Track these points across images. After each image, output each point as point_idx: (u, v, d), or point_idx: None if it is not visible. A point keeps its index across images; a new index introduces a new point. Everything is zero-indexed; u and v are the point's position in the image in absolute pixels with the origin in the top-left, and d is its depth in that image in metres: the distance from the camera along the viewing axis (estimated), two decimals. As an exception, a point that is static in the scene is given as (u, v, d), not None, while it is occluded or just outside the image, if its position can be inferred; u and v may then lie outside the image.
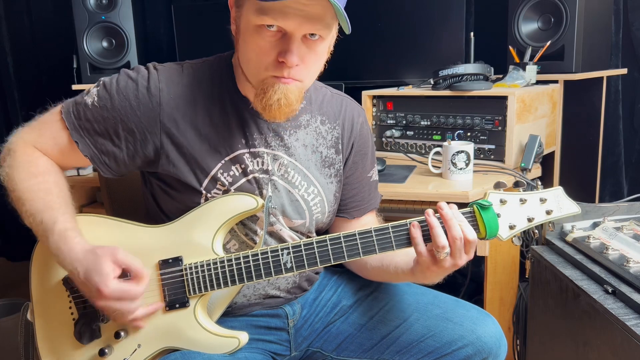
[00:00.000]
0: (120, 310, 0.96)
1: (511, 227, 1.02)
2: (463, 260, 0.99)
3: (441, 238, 0.96)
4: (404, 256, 1.08)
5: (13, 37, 2.83)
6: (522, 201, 1.02)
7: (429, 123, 1.89)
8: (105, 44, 2.46)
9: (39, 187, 1.04)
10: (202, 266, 1.04)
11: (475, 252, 1.51)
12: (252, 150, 1.09)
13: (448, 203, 1.00)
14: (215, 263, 1.04)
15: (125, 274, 0.97)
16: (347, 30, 0.95)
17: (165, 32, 2.76)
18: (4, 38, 2.81)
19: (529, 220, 1.03)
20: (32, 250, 1.10)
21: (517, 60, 2.00)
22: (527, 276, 1.54)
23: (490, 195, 1.02)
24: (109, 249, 0.96)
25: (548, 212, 1.03)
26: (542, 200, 1.03)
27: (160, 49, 2.77)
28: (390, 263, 1.12)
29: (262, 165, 1.10)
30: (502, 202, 1.02)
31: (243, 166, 1.09)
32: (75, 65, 2.45)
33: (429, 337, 1.13)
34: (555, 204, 1.03)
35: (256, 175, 1.09)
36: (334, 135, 1.17)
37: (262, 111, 1.02)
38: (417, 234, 0.98)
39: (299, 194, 1.13)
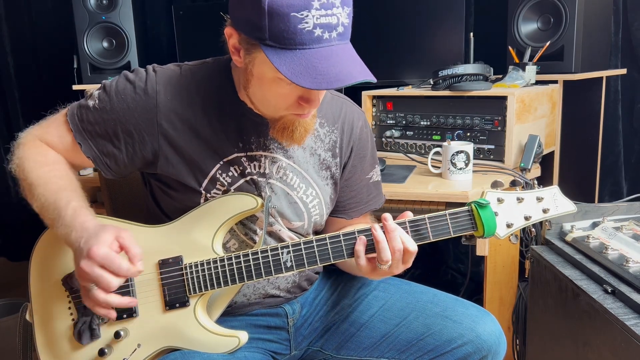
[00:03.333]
0: (98, 280, 0.91)
1: (508, 226, 1.03)
2: (400, 269, 1.01)
3: (386, 252, 0.98)
4: None
5: (13, 37, 2.83)
6: (519, 200, 1.03)
7: (428, 123, 1.89)
8: (105, 44, 2.46)
9: (52, 173, 1.06)
10: (202, 265, 1.04)
11: (475, 252, 1.52)
12: (249, 153, 1.09)
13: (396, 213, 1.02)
14: (215, 262, 1.04)
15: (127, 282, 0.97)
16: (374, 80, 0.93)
17: (165, 32, 2.76)
18: (4, 38, 2.82)
19: (526, 218, 1.03)
20: (31, 250, 1.10)
21: (516, 60, 2.00)
22: (526, 276, 1.54)
23: (487, 194, 1.03)
24: (118, 227, 0.95)
25: (545, 211, 1.04)
26: (539, 199, 1.04)
27: (160, 49, 2.77)
28: None
29: (260, 168, 1.10)
30: (500, 200, 1.03)
31: (241, 168, 1.09)
32: (75, 66, 2.46)
33: (428, 335, 1.13)
34: (552, 202, 1.04)
35: (254, 177, 1.10)
36: (331, 138, 1.17)
37: (282, 140, 1.06)
38: (361, 248, 1.00)
39: (298, 196, 1.13)
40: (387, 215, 1.00)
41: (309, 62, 0.87)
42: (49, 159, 1.08)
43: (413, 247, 0.99)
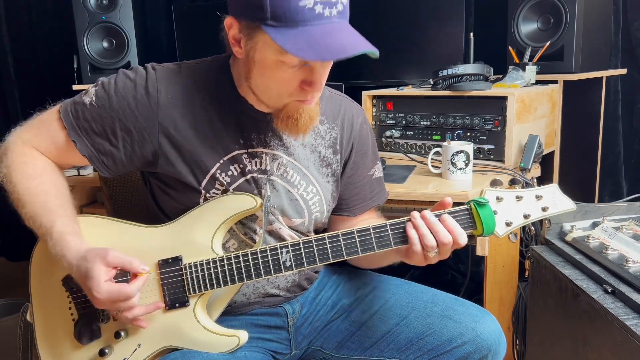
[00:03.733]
0: (119, 310, 0.97)
1: (507, 224, 1.03)
2: (448, 254, 1.01)
3: (430, 239, 0.98)
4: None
5: (13, 37, 2.83)
6: (518, 198, 1.03)
7: (428, 123, 1.89)
8: (105, 44, 2.46)
9: (37, 189, 1.05)
10: (201, 265, 1.04)
11: (475, 252, 1.52)
12: (249, 150, 1.09)
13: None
14: (214, 262, 1.04)
15: (125, 274, 0.98)
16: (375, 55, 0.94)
17: (165, 32, 2.76)
18: (4, 38, 2.82)
19: (525, 217, 1.03)
20: (32, 250, 1.10)
21: (516, 60, 2.00)
22: (526, 276, 1.54)
23: (486, 193, 1.02)
24: (100, 252, 0.96)
25: (544, 209, 1.03)
26: (538, 197, 1.04)
27: (160, 49, 2.77)
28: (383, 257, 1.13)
29: (261, 165, 1.10)
30: (499, 199, 1.02)
31: (241, 166, 1.09)
32: (75, 66, 2.46)
33: (428, 334, 1.13)
34: (551, 200, 1.04)
35: (254, 175, 1.10)
36: (332, 135, 1.17)
37: (287, 131, 1.05)
38: (414, 234, 0.99)
39: (298, 193, 1.13)
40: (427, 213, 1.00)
41: (311, 37, 0.88)
42: (37, 170, 1.07)
43: (463, 238, 0.99)
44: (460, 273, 2.51)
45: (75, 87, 2.42)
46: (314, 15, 0.88)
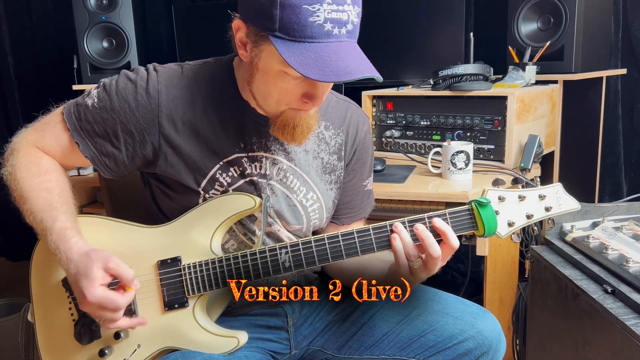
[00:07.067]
0: (101, 318, 0.96)
1: (510, 224, 1.01)
2: (437, 267, 0.99)
3: (410, 249, 0.98)
4: (379, 264, 1.09)
5: (13, 37, 2.83)
6: (521, 198, 1.02)
7: (428, 123, 1.89)
8: (105, 44, 2.47)
9: (41, 186, 1.05)
10: (200, 266, 1.04)
11: (475, 252, 1.52)
12: (250, 154, 1.09)
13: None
14: (213, 263, 1.04)
15: (113, 282, 0.97)
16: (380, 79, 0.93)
17: (165, 32, 2.77)
18: (4, 38, 2.82)
19: (528, 217, 1.02)
20: (32, 250, 1.10)
21: (516, 60, 2.00)
22: (526, 276, 1.54)
23: (488, 193, 1.01)
24: (103, 254, 0.95)
25: (547, 209, 1.02)
26: (541, 197, 1.02)
27: (160, 49, 2.77)
28: (364, 271, 1.12)
29: (261, 169, 1.10)
30: (501, 199, 1.01)
31: (241, 169, 1.09)
32: (75, 66, 2.46)
33: (429, 332, 1.12)
34: (555, 200, 1.02)
35: (254, 178, 1.09)
36: (337, 141, 1.17)
37: (282, 138, 1.04)
38: (397, 244, 0.98)
39: (297, 199, 1.13)
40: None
41: (317, 55, 0.87)
42: (42, 168, 1.07)
43: (455, 242, 0.98)
44: (460, 273, 2.51)
45: (75, 87, 2.42)
46: (323, 32, 0.87)
